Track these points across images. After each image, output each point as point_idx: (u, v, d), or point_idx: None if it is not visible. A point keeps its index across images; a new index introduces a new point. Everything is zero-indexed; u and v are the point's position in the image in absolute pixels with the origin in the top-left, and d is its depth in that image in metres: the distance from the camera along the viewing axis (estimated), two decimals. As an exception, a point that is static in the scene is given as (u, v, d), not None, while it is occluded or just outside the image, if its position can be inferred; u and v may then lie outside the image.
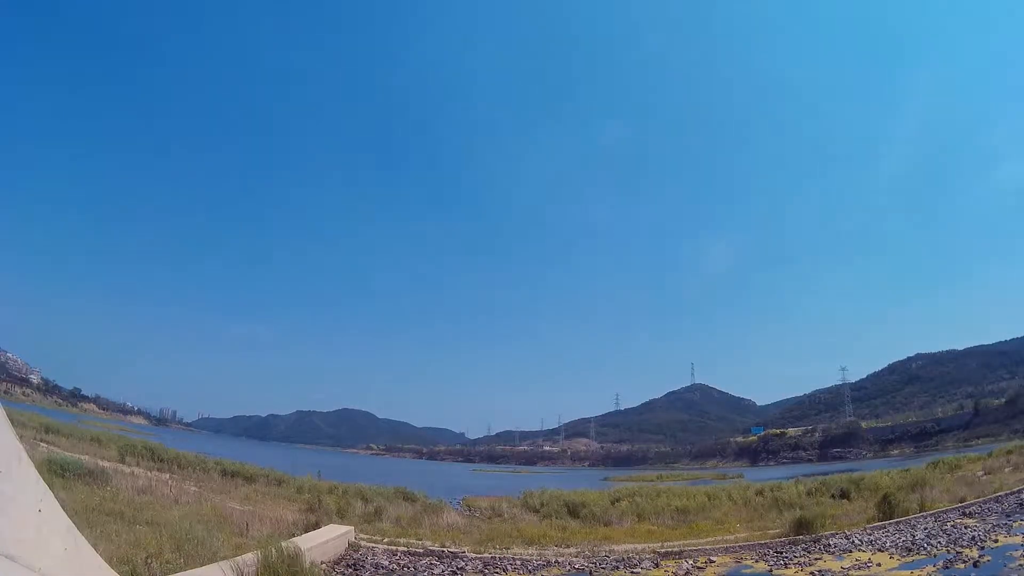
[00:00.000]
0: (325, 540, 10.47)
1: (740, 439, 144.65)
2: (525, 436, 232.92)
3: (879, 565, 9.98)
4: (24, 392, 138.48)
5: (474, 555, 11.54)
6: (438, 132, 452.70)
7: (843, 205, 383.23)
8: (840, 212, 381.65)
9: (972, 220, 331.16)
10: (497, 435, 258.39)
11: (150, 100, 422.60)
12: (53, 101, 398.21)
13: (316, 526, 12.23)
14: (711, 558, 11.55)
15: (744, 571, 10.60)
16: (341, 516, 15.20)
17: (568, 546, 13.35)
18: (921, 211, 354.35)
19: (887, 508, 14.98)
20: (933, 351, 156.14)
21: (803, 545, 12.26)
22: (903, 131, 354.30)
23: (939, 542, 11.11)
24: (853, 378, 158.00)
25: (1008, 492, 15.98)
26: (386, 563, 10.45)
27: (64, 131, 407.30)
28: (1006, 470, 22.21)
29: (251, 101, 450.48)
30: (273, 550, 7.56)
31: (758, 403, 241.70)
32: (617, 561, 11.48)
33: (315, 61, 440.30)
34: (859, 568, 9.85)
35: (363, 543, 11.76)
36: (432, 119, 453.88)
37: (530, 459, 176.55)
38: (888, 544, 11.53)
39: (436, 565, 10.59)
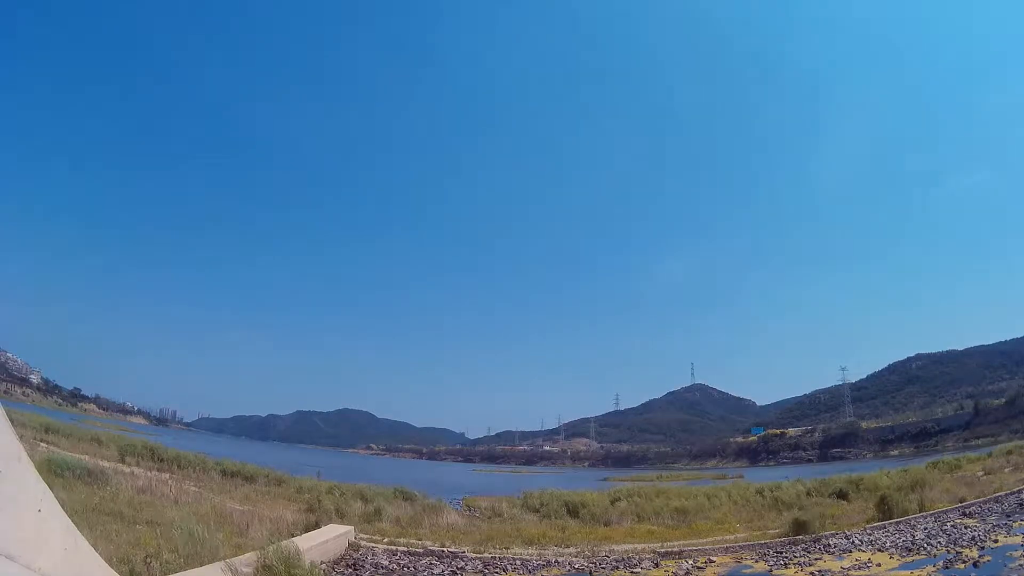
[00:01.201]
0: (325, 540, 10.46)
1: (740, 439, 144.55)
2: (525, 436, 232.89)
3: (879, 565, 9.97)
4: (24, 392, 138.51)
5: (474, 555, 11.53)
6: (433, 137, 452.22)
7: (841, 204, 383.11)
8: (839, 211, 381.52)
9: (969, 219, 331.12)
10: (497, 435, 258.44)
11: (151, 105, 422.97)
12: (56, 104, 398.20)
13: (316, 526, 12.22)
14: (711, 558, 11.55)
15: (744, 571, 10.59)
16: (341, 516, 15.19)
17: (568, 546, 13.34)
18: (919, 210, 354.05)
19: (887, 508, 14.97)
20: (933, 351, 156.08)
21: (803, 545, 12.26)
22: (910, 131, 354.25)
23: (939, 542, 11.10)
24: (853, 378, 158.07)
25: (1008, 492, 15.97)
26: (386, 563, 10.44)
27: (66, 133, 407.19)
28: (1006, 470, 22.21)
29: (251, 107, 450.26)
30: (273, 550, 7.55)
31: (758, 403, 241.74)
32: (617, 561, 11.47)
33: (318, 65, 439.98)
34: (859, 568, 9.85)
35: (363, 543, 11.76)
36: (434, 123, 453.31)
37: (530, 459, 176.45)
38: (888, 544, 11.52)
39: (436, 565, 10.58)
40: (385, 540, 12.56)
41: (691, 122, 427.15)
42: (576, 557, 11.98)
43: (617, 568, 10.91)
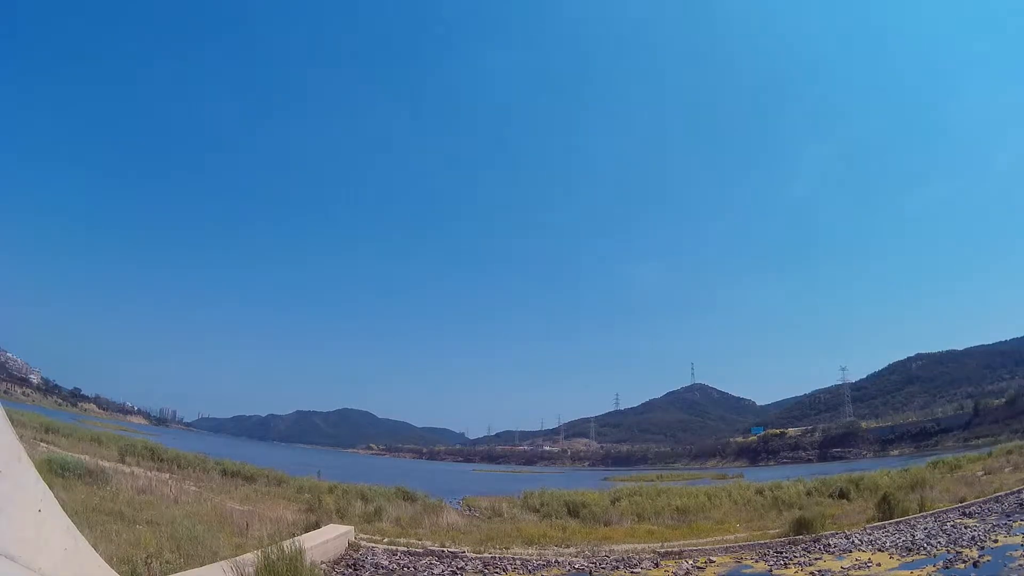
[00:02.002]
0: (325, 540, 10.46)
1: (740, 439, 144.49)
2: (525, 436, 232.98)
3: (879, 565, 9.97)
4: (24, 392, 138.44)
5: (474, 555, 11.53)
6: (432, 140, 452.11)
7: (841, 204, 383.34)
8: (838, 211, 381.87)
9: (968, 219, 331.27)
10: (497, 435, 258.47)
11: (154, 108, 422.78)
12: (58, 105, 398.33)
13: (316, 526, 12.22)
14: (711, 558, 11.55)
15: (744, 571, 10.59)
16: (341, 516, 15.20)
17: (568, 546, 13.34)
18: (919, 209, 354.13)
19: (887, 508, 14.97)
20: (933, 351, 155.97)
21: (803, 545, 12.26)
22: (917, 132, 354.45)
23: (939, 542, 11.10)
24: (853, 378, 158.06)
25: (1008, 492, 15.98)
26: (386, 563, 10.45)
27: (68, 133, 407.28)
28: (1006, 470, 22.21)
29: (253, 112, 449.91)
30: (273, 550, 7.55)
31: (758, 403, 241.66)
32: (617, 561, 11.47)
33: (321, 73, 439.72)
34: (859, 568, 9.85)
35: (363, 543, 11.76)
36: (433, 127, 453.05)
37: (530, 459, 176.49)
38: (888, 544, 11.52)
39: (436, 565, 10.58)
40: (385, 540, 12.55)
41: (688, 121, 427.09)
42: (576, 557, 11.98)
43: (617, 568, 10.91)
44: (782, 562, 10.85)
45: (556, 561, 11.51)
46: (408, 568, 10.29)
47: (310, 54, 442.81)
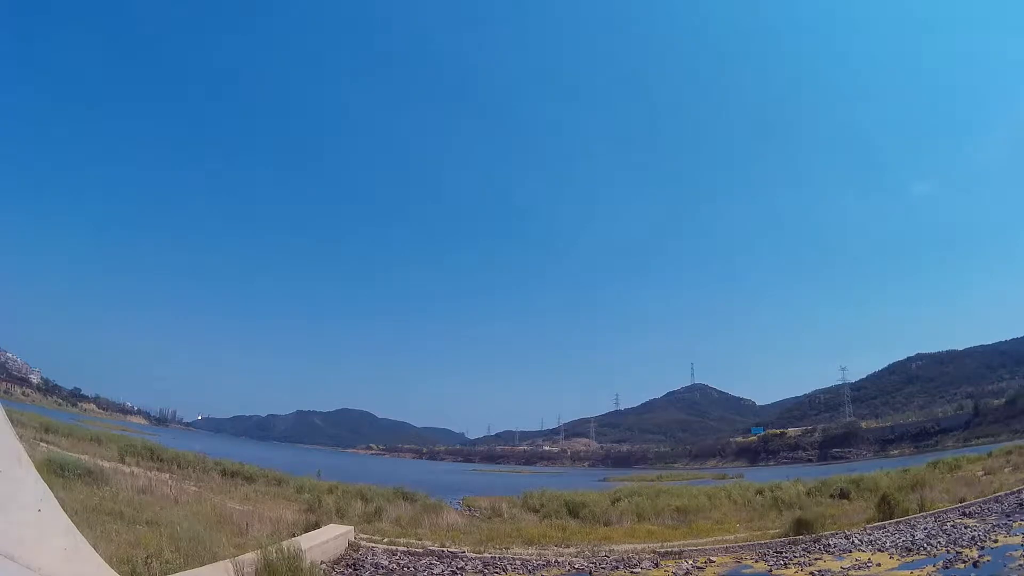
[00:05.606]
0: (325, 540, 10.46)
1: (740, 439, 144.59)
2: (525, 436, 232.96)
3: (879, 565, 9.97)
4: (24, 392, 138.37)
5: (474, 555, 11.53)
6: (429, 136, 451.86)
7: (840, 204, 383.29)
8: (838, 210, 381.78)
9: (968, 218, 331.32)
10: (497, 435, 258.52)
11: (154, 112, 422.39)
12: (60, 107, 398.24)
13: (316, 526, 12.22)
14: (711, 558, 11.55)
15: (744, 571, 10.59)
16: (341, 516, 15.20)
17: (568, 546, 13.35)
18: (919, 209, 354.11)
19: (887, 508, 14.97)
20: (933, 351, 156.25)
21: (803, 545, 12.25)
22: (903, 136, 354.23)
23: (939, 542, 11.10)
24: (853, 378, 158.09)
25: (1008, 492, 15.96)
26: (386, 563, 10.44)
27: (69, 137, 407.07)
28: (1006, 470, 22.20)
29: (259, 109, 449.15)
30: (273, 550, 7.55)
31: (758, 403, 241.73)
32: (617, 561, 11.47)
33: (329, 71, 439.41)
34: (859, 568, 9.85)
35: (363, 543, 11.76)
36: (432, 121, 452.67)
37: (530, 459, 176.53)
38: (888, 544, 11.52)
39: (436, 565, 10.58)
40: (385, 540, 12.56)
41: (684, 119, 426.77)
42: (576, 557, 11.98)
43: (617, 568, 10.91)
44: (782, 562, 10.85)
45: (556, 561, 11.51)
46: (408, 568, 10.29)
47: (311, 59, 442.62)
